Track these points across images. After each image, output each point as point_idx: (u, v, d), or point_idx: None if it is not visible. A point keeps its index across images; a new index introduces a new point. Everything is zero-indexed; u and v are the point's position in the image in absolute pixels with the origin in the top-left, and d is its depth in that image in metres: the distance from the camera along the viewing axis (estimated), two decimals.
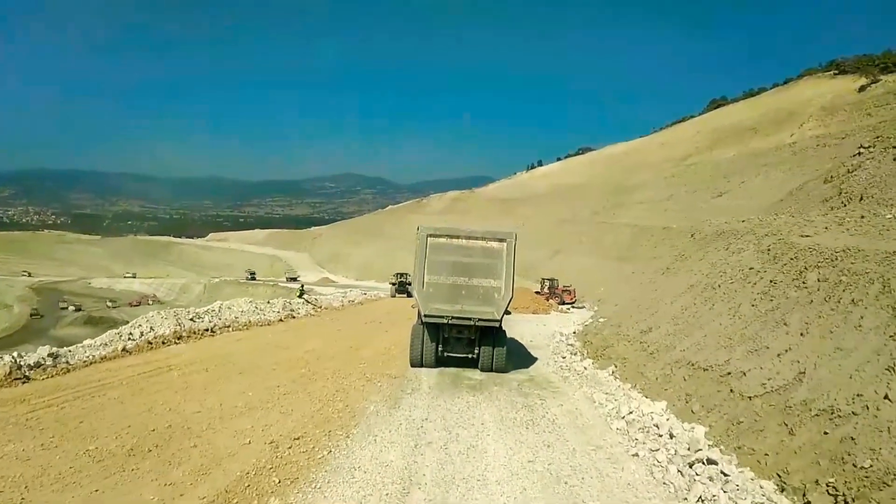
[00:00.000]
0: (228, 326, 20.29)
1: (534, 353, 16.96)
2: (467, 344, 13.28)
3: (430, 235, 13.00)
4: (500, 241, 12.94)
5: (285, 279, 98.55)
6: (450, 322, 12.63)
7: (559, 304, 43.65)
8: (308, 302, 30.99)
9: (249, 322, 21.91)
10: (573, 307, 42.22)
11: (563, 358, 15.41)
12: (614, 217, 70.96)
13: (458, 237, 13.04)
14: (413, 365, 13.58)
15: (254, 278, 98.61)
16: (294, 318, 25.48)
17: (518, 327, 23.97)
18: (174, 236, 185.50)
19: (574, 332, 21.30)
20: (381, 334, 20.41)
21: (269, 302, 27.05)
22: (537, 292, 44.42)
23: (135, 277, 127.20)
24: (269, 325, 22.38)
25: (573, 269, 58.50)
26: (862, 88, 58.83)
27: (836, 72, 73.63)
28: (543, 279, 51.15)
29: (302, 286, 32.40)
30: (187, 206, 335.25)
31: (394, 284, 50.01)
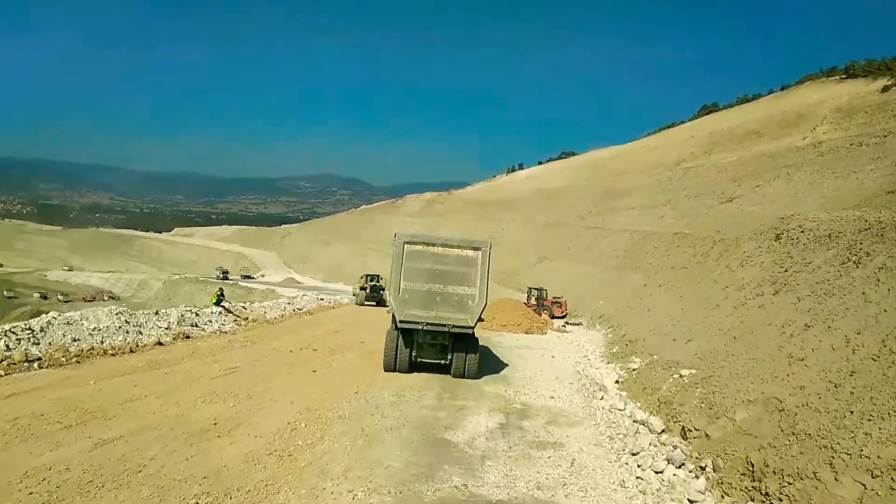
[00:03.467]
0: (38, 360, 11.34)
1: (573, 436, 8.49)
2: (441, 350, 12.96)
3: (407, 242, 12.72)
4: (476, 249, 12.73)
5: (240, 277, 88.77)
6: (424, 328, 12.41)
7: (550, 317, 35.55)
8: (229, 311, 22.06)
9: (90, 350, 12.97)
10: (569, 324, 33.94)
11: (659, 474, 6.90)
12: (604, 222, 63.21)
13: (434, 245, 12.80)
14: (387, 370, 12.94)
15: (227, 277, 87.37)
16: (189, 338, 16.56)
17: (518, 361, 15.63)
18: (142, 230, 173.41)
19: (618, 383, 12.85)
20: (300, 382, 11.62)
21: (157, 313, 18.06)
22: (525, 304, 36.06)
23: (71, 270, 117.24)
24: (129, 353, 13.46)
25: (561, 278, 50.56)
26: (885, 89, 51.77)
27: (845, 75, 66.81)
28: (530, 288, 42.81)
29: (220, 290, 23.27)
30: (158, 201, 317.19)
31: (363, 289, 38.58)
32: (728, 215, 42.62)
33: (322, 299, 39.96)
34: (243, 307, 24.47)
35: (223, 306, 22.08)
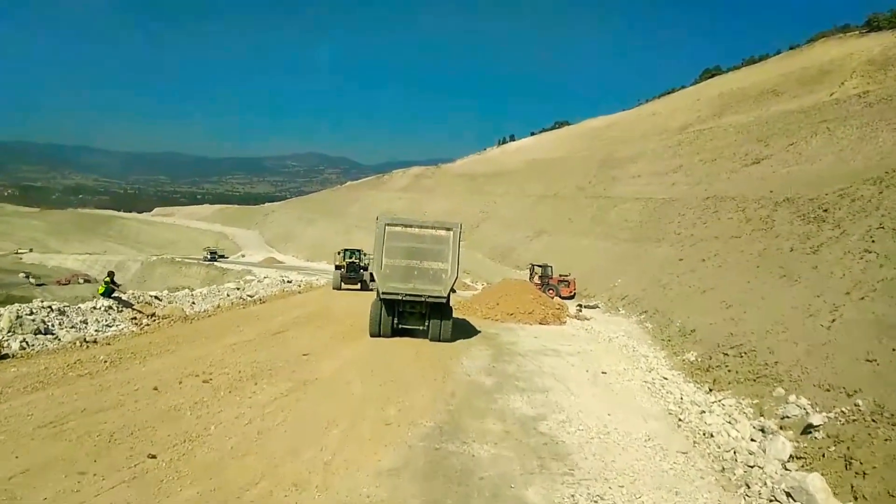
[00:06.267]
0: None
1: None
2: (419, 318, 13.76)
3: (388, 224, 13.69)
4: (448, 229, 13.68)
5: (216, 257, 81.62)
6: (404, 298, 13.25)
7: (559, 298, 29.06)
8: (126, 305, 14.98)
9: None
10: (584, 307, 27.35)
11: None
12: (606, 192, 56.34)
13: (411, 226, 13.85)
14: (372, 335, 13.75)
15: (214, 259, 79.14)
16: (5, 357, 9.55)
17: (554, 388, 8.96)
18: (124, 211, 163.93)
19: (796, 460, 6.01)
20: None
21: None
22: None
23: (31, 252, 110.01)
24: None
25: (564, 253, 43.89)
26: None
27: (867, 29, 60.01)
28: (533, 265, 36.21)
29: (109, 275, 15.91)
30: (143, 181, 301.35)
31: (340, 268, 29.70)
32: (757, 178, 35.93)
33: (290, 281, 32.95)
34: (156, 297, 17.25)
35: (116, 298, 14.98)
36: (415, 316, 13.71)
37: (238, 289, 23.23)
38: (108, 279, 15.09)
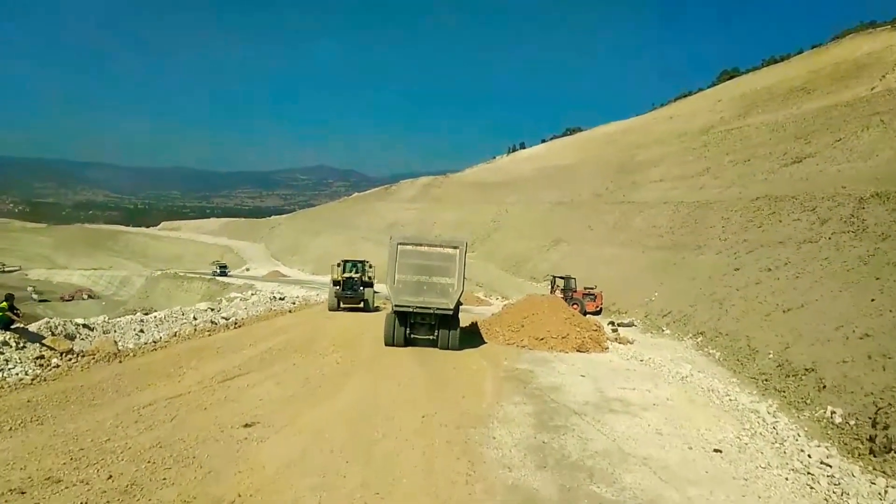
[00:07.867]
0: None
1: None
2: (429, 328, 14.71)
3: (400, 243, 14.48)
4: (454, 248, 14.55)
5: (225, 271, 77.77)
6: (415, 310, 14.26)
7: (582, 314, 24.88)
8: (31, 340, 10.96)
9: None
10: (619, 325, 23.24)
11: None
12: (625, 197, 52.02)
13: (421, 245, 14.70)
14: (387, 344, 14.61)
15: (224, 273, 74.96)
16: None
17: (656, 498, 4.20)
18: (132, 225, 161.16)
19: None
20: None
21: None
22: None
23: (20, 270, 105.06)
24: None
25: (586, 264, 39.75)
26: None
27: None
28: (555, 277, 32.09)
29: (8, 300, 11.65)
30: (154, 196, 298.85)
31: (337, 284, 23.71)
32: (800, 179, 31.62)
33: (281, 298, 29.04)
34: (84, 326, 13.11)
35: (18, 329, 10.94)
36: (425, 326, 14.68)
37: (212, 309, 19.15)
38: (5, 304, 11.01)
